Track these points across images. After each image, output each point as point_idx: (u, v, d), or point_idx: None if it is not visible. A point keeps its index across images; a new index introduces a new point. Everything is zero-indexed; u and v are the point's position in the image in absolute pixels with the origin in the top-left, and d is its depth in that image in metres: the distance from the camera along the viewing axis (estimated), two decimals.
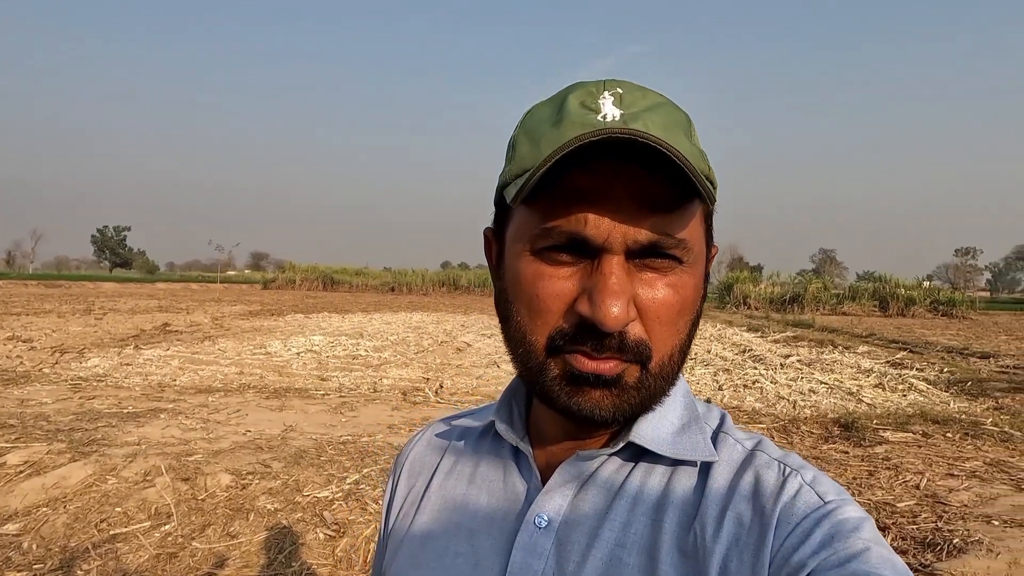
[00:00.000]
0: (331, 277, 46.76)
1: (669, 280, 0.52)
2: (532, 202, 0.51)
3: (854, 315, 30.60)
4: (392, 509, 0.73)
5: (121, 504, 3.55)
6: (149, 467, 4.04)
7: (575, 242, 0.50)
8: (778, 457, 0.56)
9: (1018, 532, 3.24)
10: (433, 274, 48.17)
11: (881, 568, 0.44)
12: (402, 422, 5.78)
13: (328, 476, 4.08)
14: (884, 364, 10.30)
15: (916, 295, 33.09)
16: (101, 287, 38.45)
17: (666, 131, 0.49)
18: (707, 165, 0.52)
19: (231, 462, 4.25)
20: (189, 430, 5.17)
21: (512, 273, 0.56)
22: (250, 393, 6.95)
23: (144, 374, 7.88)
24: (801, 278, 39.03)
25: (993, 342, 15.62)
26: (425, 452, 0.74)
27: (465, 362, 9.81)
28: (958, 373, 9.28)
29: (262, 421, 5.62)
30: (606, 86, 0.52)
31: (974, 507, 3.68)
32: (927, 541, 3.22)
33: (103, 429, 5.06)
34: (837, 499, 0.51)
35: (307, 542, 3.23)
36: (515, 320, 0.55)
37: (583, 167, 0.49)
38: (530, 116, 0.55)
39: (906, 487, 4.11)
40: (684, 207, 0.51)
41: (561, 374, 0.53)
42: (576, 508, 0.57)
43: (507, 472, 0.64)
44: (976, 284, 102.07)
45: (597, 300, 0.49)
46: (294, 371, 8.53)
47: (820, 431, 5.76)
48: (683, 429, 0.59)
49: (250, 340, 11.84)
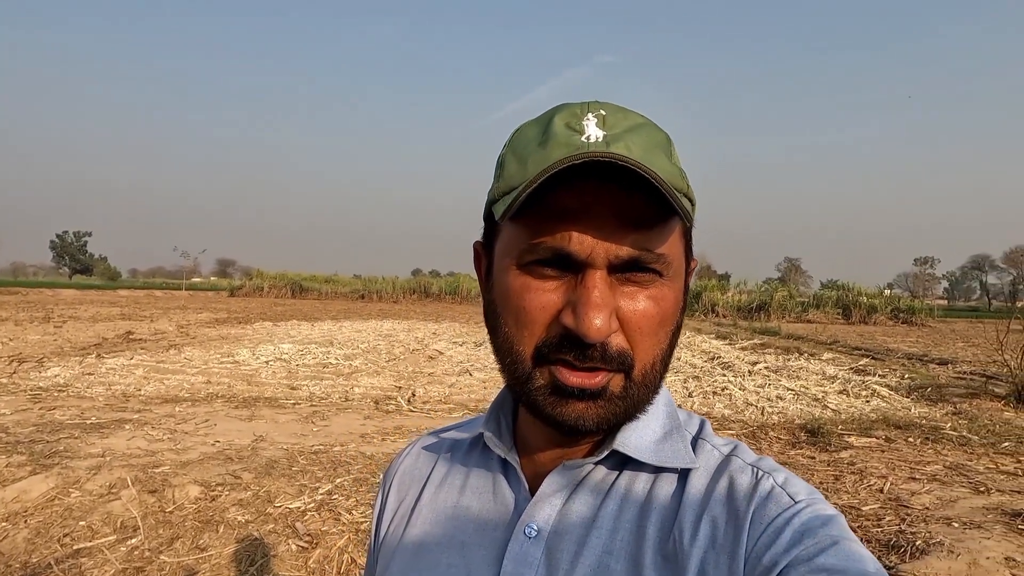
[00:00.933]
0: (300, 284, 46.07)
1: (650, 293, 0.54)
2: (519, 218, 0.53)
3: (819, 323, 31.28)
4: (383, 521, 0.73)
5: (85, 518, 3.46)
6: (114, 479, 3.94)
7: (560, 257, 0.52)
8: (752, 461, 0.58)
9: (977, 533, 3.35)
10: (404, 281, 47.80)
11: (849, 560, 0.46)
12: (375, 431, 5.73)
13: (300, 486, 4.03)
14: (848, 371, 10.55)
15: (878, 303, 34.05)
16: (60, 294, 37.30)
17: (646, 152, 0.52)
18: (685, 183, 0.55)
19: (200, 473, 4.17)
20: (155, 441, 5.06)
21: (500, 286, 0.58)
22: (218, 403, 6.82)
23: (107, 384, 7.67)
24: (768, 286, 39.84)
25: (951, 349, 16.11)
26: (415, 464, 0.75)
27: (437, 370, 9.76)
28: (918, 379, 9.54)
29: (231, 431, 5.52)
30: (590, 108, 0.54)
31: (935, 510, 3.79)
32: (891, 543, 3.31)
33: (65, 440, 4.92)
34: (808, 498, 0.53)
35: (279, 554, 3.18)
36: (503, 331, 0.57)
37: (568, 186, 0.51)
38: (518, 136, 0.57)
39: (870, 491, 4.22)
40: (663, 224, 0.53)
41: (547, 384, 0.55)
42: (565, 517, 0.59)
43: (496, 483, 0.66)
44: (934, 292, 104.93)
45: (581, 312, 0.51)
46: (263, 380, 8.39)
47: (788, 437, 5.87)
48: (665, 437, 0.61)
49: (217, 348, 11.62)
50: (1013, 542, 3.21)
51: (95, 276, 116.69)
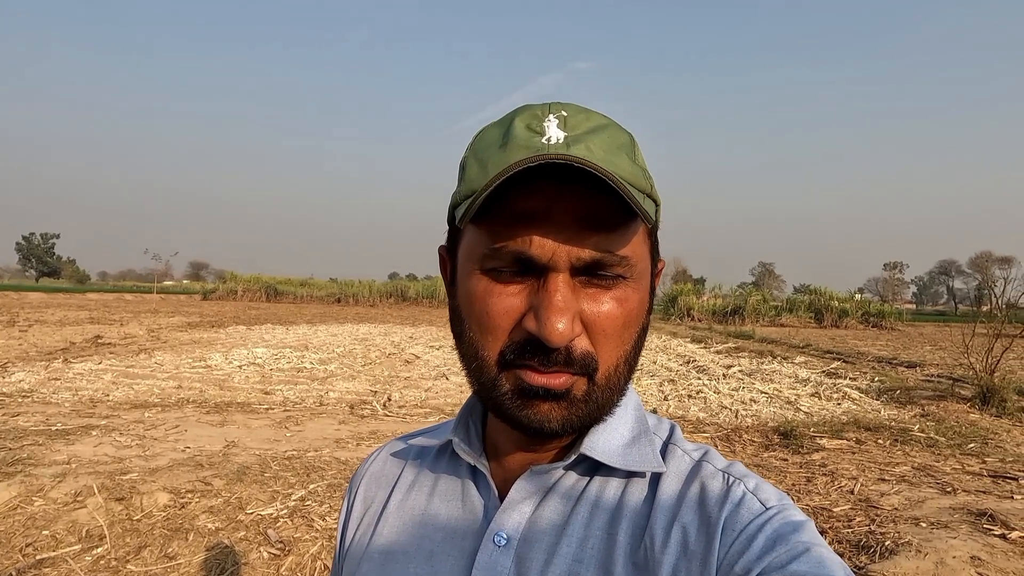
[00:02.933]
0: (275, 288, 45.59)
1: (614, 294, 0.54)
2: (481, 222, 0.52)
3: (792, 326, 31.80)
4: (348, 529, 0.72)
5: (49, 527, 3.37)
6: (80, 487, 3.85)
7: (522, 261, 0.52)
8: (723, 467, 0.58)
9: (944, 533, 3.42)
10: (380, 285, 47.54)
11: (821, 567, 0.46)
12: (350, 436, 5.67)
13: (272, 493, 3.97)
14: (820, 374, 10.72)
15: (849, 307, 34.78)
16: (26, 297, 36.40)
17: (608, 153, 0.51)
18: (649, 184, 0.54)
19: (169, 480, 4.09)
20: (124, 447, 4.95)
21: (464, 291, 0.57)
22: (189, 408, 6.70)
23: (74, 389, 7.49)
24: (742, 291, 40.46)
25: (919, 352, 16.45)
26: (382, 471, 0.74)
27: (414, 374, 9.71)
28: (888, 382, 9.73)
29: (202, 437, 5.43)
30: (551, 109, 0.53)
31: (904, 510, 3.85)
32: (861, 544, 3.36)
33: (29, 448, 4.79)
34: (778, 504, 0.53)
35: (250, 561, 3.13)
36: (467, 336, 0.57)
37: (529, 189, 0.50)
38: (479, 138, 0.56)
39: (841, 492, 4.28)
40: (626, 225, 0.52)
41: (512, 388, 0.54)
42: (534, 524, 0.58)
43: (465, 490, 0.65)
44: (903, 296, 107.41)
45: (543, 317, 0.50)
46: (236, 385, 8.27)
47: (761, 439, 5.94)
48: (633, 441, 0.60)
49: (189, 353, 11.42)
50: (978, 541, 3.27)
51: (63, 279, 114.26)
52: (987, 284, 33.84)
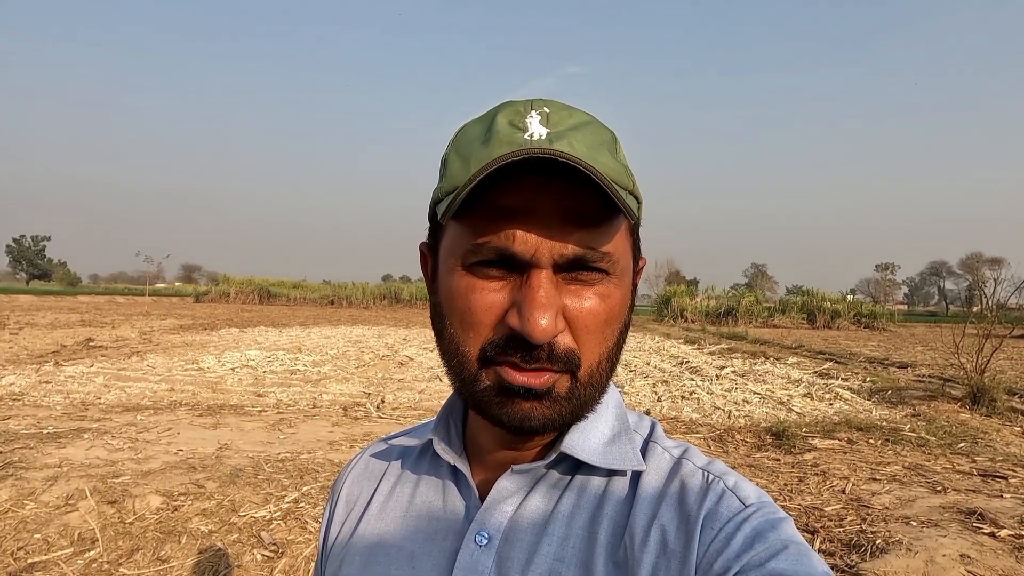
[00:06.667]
0: (268, 290, 45.49)
1: (596, 290, 0.54)
2: (463, 218, 0.52)
3: (784, 327, 31.93)
4: (331, 532, 0.71)
5: (40, 530, 3.35)
6: (72, 490, 3.83)
7: (504, 257, 0.52)
8: (702, 465, 0.58)
9: (934, 532, 3.44)
10: (374, 287, 47.52)
11: (800, 564, 0.47)
12: (343, 438, 5.66)
13: (266, 495, 3.96)
14: (812, 374, 10.77)
15: (841, 308, 34.97)
16: (17, 300, 36.10)
17: (590, 149, 0.51)
18: (631, 181, 0.54)
19: (161, 483, 4.07)
20: (116, 450, 4.93)
21: (445, 287, 0.57)
22: (182, 411, 6.67)
23: (65, 392, 7.45)
24: (735, 292, 40.56)
25: (910, 352, 16.54)
26: (363, 473, 0.74)
27: (407, 376, 9.70)
28: (879, 382, 9.78)
29: (195, 439, 5.41)
30: (534, 105, 0.53)
31: (894, 509, 3.88)
32: (852, 543, 3.38)
33: (20, 451, 4.76)
34: (758, 502, 0.53)
35: (243, 564, 3.12)
36: (448, 332, 0.56)
37: (512, 185, 0.50)
38: (461, 134, 0.56)
39: (833, 492, 4.30)
40: (608, 222, 0.52)
41: (493, 385, 0.54)
42: (516, 524, 0.58)
43: (446, 491, 0.64)
44: (894, 297, 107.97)
45: (526, 313, 0.50)
46: (229, 387, 8.24)
47: (754, 440, 5.97)
48: (614, 439, 0.60)
49: (181, 355, 11.37)
50: (968, 540, 3.30)
51: (54, 282, 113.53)
52: (977, 285, 34.02)
